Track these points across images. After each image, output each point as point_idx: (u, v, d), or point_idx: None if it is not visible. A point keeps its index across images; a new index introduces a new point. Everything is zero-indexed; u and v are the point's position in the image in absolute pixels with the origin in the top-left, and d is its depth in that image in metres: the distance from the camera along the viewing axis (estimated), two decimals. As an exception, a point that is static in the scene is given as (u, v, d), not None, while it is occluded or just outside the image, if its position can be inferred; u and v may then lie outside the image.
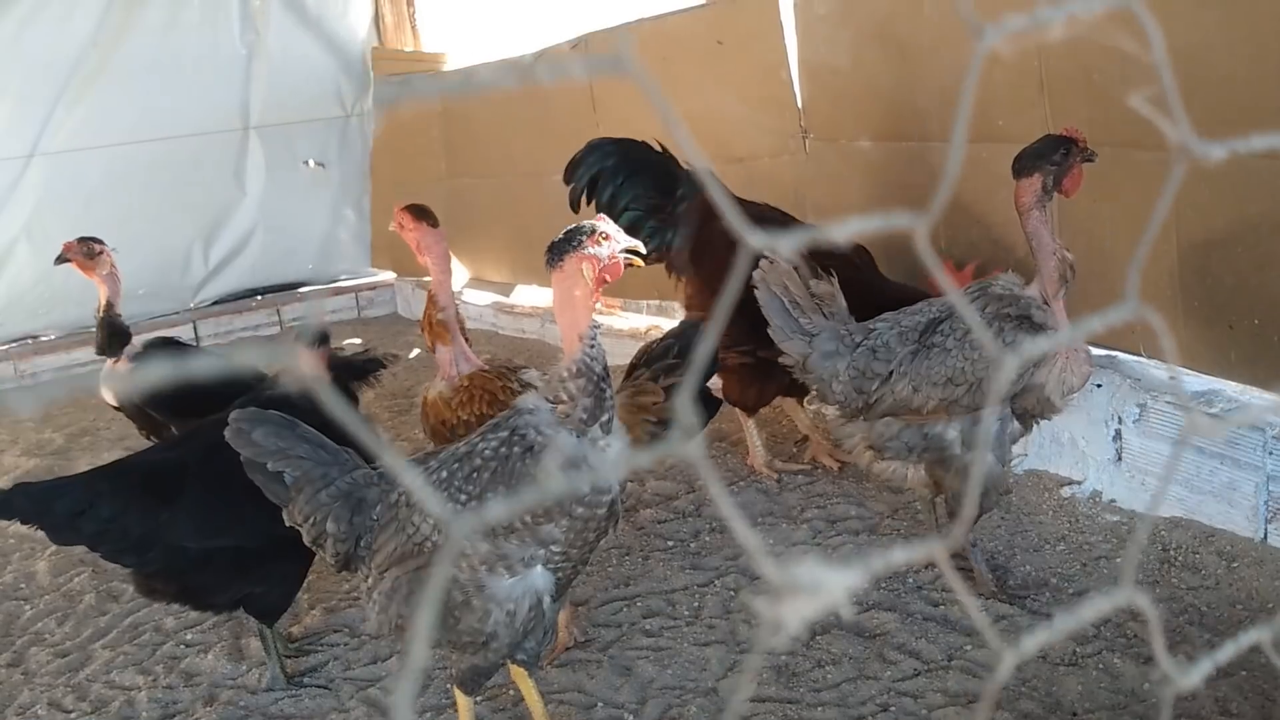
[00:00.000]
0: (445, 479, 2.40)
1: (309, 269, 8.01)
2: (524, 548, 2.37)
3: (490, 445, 2.38)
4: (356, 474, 2.58)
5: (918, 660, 3.02)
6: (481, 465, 2.37)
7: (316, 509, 2.53)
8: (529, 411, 2.38)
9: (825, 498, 4.04)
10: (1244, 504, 3.33)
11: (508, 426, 2.39)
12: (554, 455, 2.32)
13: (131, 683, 3.35)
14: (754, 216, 4.16)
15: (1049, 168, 2.97)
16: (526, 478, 2.31)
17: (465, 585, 2.39)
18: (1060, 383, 3.05)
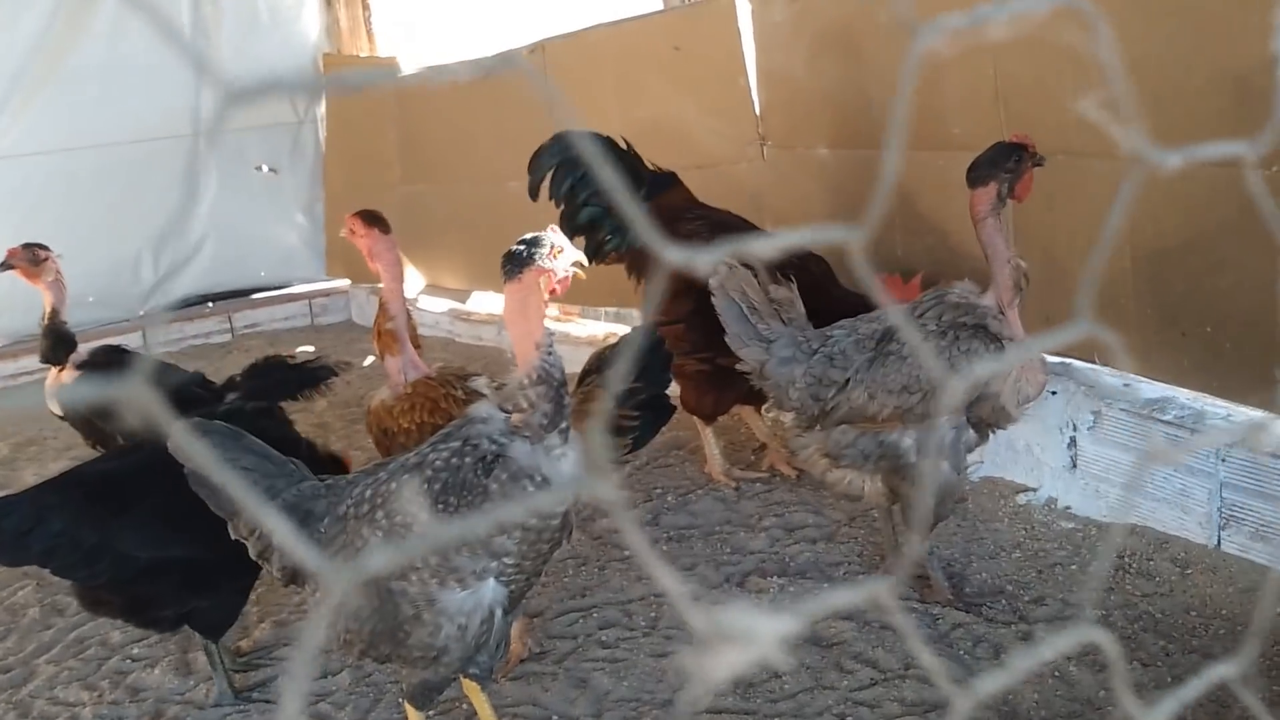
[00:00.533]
0: (395, 490, 2.36)
1: (261, 276, 7.91)
2: (475, 560, 2.33)
3: (441, 456, 2.34)
4: (304, 486, 2.52)
5: (874, 669, 3.00)
6: (433, 476, 2.32)
7: None
8: (481, 420, 2.35)
9: (783, 505, 4.03)
10: (1197, 511, 3.35)
11: (459, 436, 2.35)
12: (509, 466, 2.29)
13: (76, 699, 3.26)
14: (714, 223, 4.16)
15: (1003, 175, 2.99)
16: (479, 489, 2.28)
17: (415, 599, 2.35)
18: (1016, 392, 3.05)
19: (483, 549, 2.32)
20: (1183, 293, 3.36)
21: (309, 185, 7.98)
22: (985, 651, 3.03)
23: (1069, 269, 3.65)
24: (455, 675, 2.52)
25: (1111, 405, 3.60)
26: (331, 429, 5.34)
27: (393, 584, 2.37)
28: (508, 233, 6.44)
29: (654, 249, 0.64)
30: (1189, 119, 3.15)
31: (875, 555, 3.57)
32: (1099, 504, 3.65)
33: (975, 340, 3.01)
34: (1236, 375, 3.29)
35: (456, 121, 6.61)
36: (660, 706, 2.94)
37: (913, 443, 3.13)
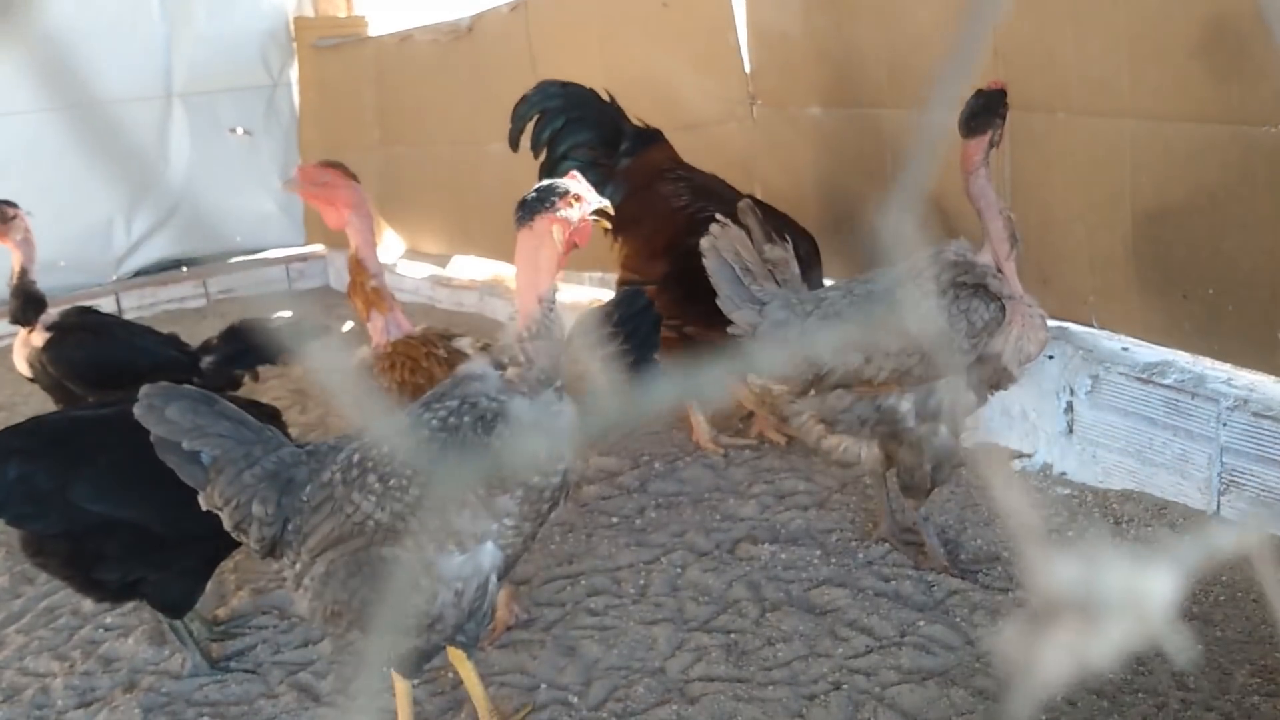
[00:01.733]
0: (388, 453, 2.26)
1: (236, 240, 7.77)
2: (476, 521, 2.24)
3: (438, 415, 2.24)
4: (283, 452, 2.41)
5: (870, 637, 2.94)
6: (429, 437, 2.23)
7: (240, 491, 2.35)
8: (477, 378, 2.26)
9: (773, 472, 3.95)
10: (1196, 476, 3.29)
11: (456, 395, 2.26)
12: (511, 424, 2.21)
13: (47, 669, 3.17)
14: (696, 186, 4.07)
15: (997, 121, 2.94)
16: (481, 448, 2.18)
17: (411, 565, 2.27)
18: (1017, 350, 2.98)
19: (485, 509, 2.23)
20: (1184, 255, 3.29)
21: (284, 148, 7.84)
22: (982, 618, 2.97)
23: (1067, 229, 3.58)
24: (446, 643, 2.43)
25: (1110, 369, 3.53)
26: (308, 395, 5.23)
27: (385, 551, 2.28)
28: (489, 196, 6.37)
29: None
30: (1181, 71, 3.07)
31: (868, 522, 3.50)
32: (1095, 469, 3.59)
33: (975, 299, 2.93)
34: (1238, 339, 3.22)
35: (436, 83, 6.48)
36: (651, 674, 2.86)
37: (910, 407, 3.05)
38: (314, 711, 2.85)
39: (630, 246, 4.09)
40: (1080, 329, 3.73)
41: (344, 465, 2.32)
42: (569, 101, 4.13)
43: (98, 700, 2.99)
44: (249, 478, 2.36)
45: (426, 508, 2.21)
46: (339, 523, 2.28)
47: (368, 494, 2.25)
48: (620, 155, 4.11)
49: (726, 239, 3.23)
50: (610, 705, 2.75)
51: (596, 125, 4.13)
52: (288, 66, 7.76)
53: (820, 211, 4.38)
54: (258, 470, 2.36)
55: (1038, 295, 3.21)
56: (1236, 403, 3.20)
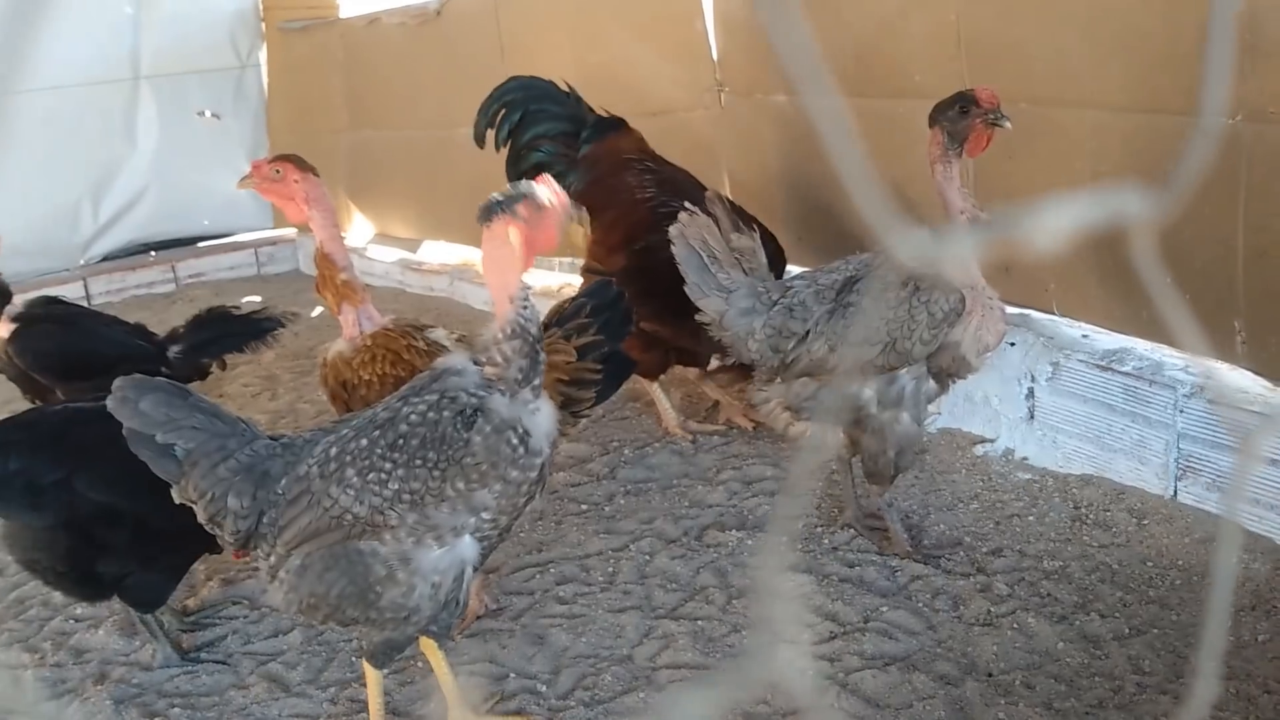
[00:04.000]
0: (366, 447, 2.29)
1: (205, 224, 7.72)
2: (455, 516, 2.28)
3: (417, 409, 2.27)
4: (257, 445, 2.41)
5: (834, 623, 2.99)
6: (408, 431, 2.26)
7: (215, 484, 2.35)
8: (456, 372, 2.29)
9: (741, 458, 3.99)
10: (1154, 461, 3.35)
11: (435, 389, 2.29)
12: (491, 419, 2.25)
13: (17, 661, 3.17)
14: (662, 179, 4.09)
15: (944, 122, 2.95)
16: (460, 443, 2.23)
17: (389, 559, 2.29)
18: (976, 341, 3.02)
19: (463, 504, 2.27)
20: (1143, 243, 3.33)
21: (253, 131, 7.79)
22: (944, 603, 3.02)
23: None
24: (420, 634, 2.46)
25: (1070, 356, 3.58)
26: (280, 381, 5.23)
27: (363, 544, 2.30)
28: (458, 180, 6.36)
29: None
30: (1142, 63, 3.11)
31: (834, 508, 3.54)
32: (1056, 454, 3.65)
33: (935, 290, 2.97)
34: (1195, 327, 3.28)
35: (405, 66, 6.46)
36: (619, 662, 2.90)
37: (873, 394, 3.09)
38: (284, 702, 2.87)
39: (595, 235, 4.12)
40: (1041, 316, 3.78)
41: (321, 459, 2.34)
42: (528, 95, 4.17)
43: (69, 692, 3.00)
44: (224, 471, 2.36)
45: (405, 502, 2.25)
46: (316, 516, 2.30)
47: (346, 488, 2.27)
48: (581, 143, 4.13)
49: (694, 227, 3.26)
50: (578, 693, 2.79)
51: (556, 116, 4.16)
52: (256, 48, 7.70)
53: (786, 198, 4.41)
54: (232, 463, 2.36)
55: (999, 283, 3.25)
56: (1193, 390, 3.26)
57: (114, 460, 2.82)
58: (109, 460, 2.82)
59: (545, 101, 4.16)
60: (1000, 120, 2.92)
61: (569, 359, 2.95)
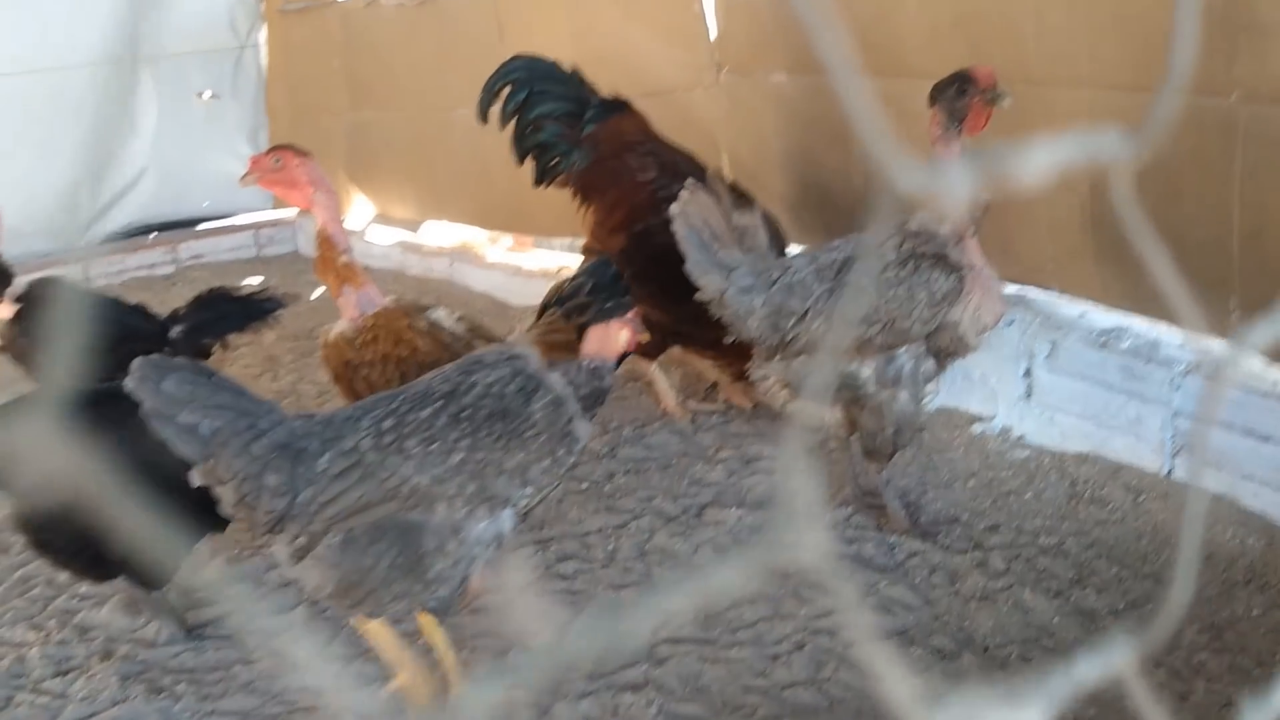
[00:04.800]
0: (428, 418, 2.35)
1: (205, 206, 7.72)
2: (509, 487, 2.37)
3: (483, 381, 2.38)
4: (293, 424, 2.41)
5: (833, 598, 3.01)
6: (475, 402, 2.35)
7: (250, 463, 2.32)
8: (521, 355, 2.46)
9: (740, 437, 4.02)
10: (1151, 439, 3.38)
11: (504, 365, 2.42)
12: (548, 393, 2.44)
13: (22, 639, 3.20)
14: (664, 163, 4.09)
15: (943, 102, 2.96)
16: (523, 416, 2.36)
17: (440, 529, 2.35)
18: (974, 320, 3.04)
19: (519, 477, 2.37)
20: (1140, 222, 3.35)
21: (252, 113, 7.77)
22: (941, 578, 3.05)
23: (1026, 198, 3.63)
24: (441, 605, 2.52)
25: (1068, 335, 3.61)
26: (281, 362, 5.25)
27: (414, 516, 2.35)
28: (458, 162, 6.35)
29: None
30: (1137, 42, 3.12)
31: (833, 485, 3.57)
32: (1053, 432, 3.67)
33: (935, 270, 2.99)
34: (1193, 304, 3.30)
35: (404, 47, 6.45)
36: (619, 638, 2.93)
37: (872, 373, 3.12)
38: (290, 676, 2.90)
39: (594, 217, 4.14)
40: (1039, 295, 3.80)
41: (374, 431, 2.36)
42: (533, 74, 4.16)
43: (74, 669, 3.03)
44: (259, 449, 2.33)
45: (468, 472, 2.33)
46: (370, 489, 2.32)
47: (407, 458, 2.32)
48: (585, 124, 4.14)
49: (696, 205, 3.27)
50: (579, 667, 2.82)
51: (561, 96, 4.16)
52: (255, 29, 7.68)
53: (786, 178, 4.42)
54: (267, 441, 2.34)
55: (997, 261, 3.27)
56: (1190, 367, 3.28)
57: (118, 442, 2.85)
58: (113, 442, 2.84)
59: (550, 81, 4.16)
60: (999, 99, 2.93)
61: (569, 338, 2.98)
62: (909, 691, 0.46)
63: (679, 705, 2.66)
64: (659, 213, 3.60)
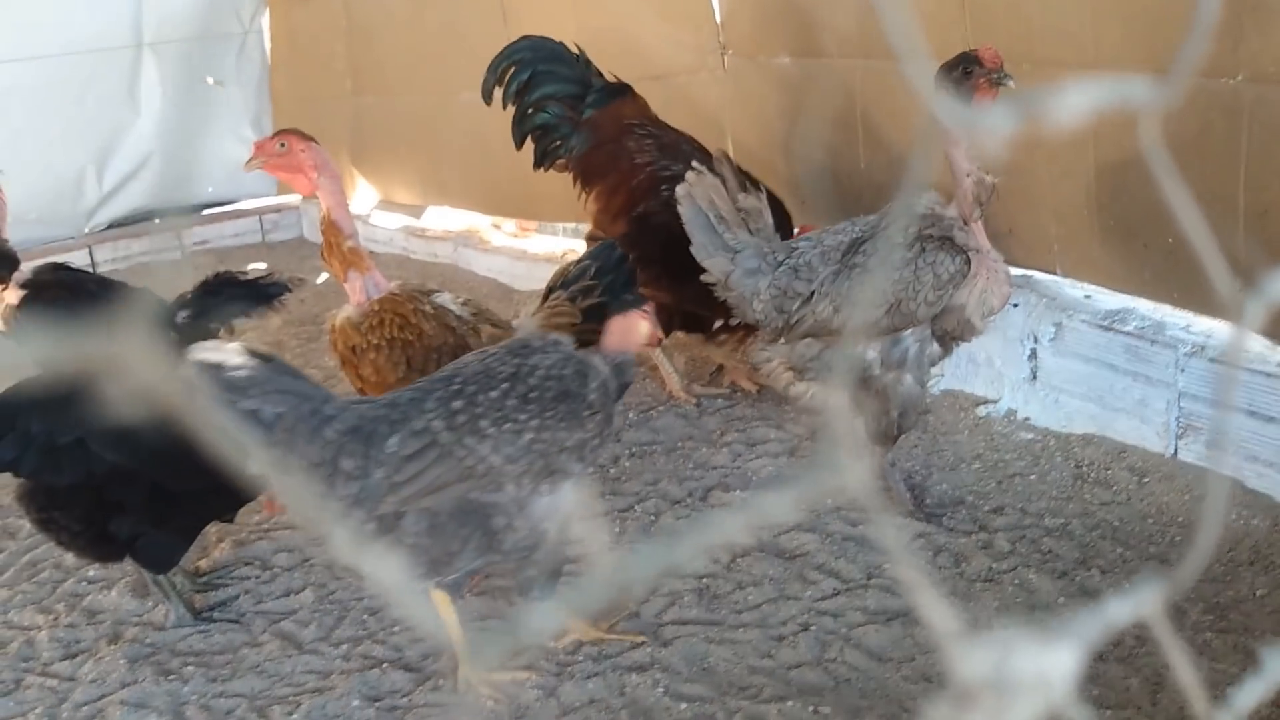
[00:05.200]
0: (497, 399, 2.41)
1: (209, 191, 7.72)
2: (571, 463, 2.48)
3: (543, 364, 2.47)
4: (361, 408, 2.42)
5: (837, 579, 3.03)
6: (539, 385, 2.44)
7: (324, 448, 2.31)
8: (566, 344, 2.62)
9: (745, 421, 4.02)
10: (1155, 420, 3.38)
11: (554, 350, 2.55)
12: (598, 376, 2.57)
13: (31, 622, 3.22)
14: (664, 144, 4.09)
15: (949, 84, 2.94)
16: (580, 398, 2.49)
17: (507, 507, 2.42)
18: (981, 304, 3.04)
19: (577, 454, 2.48)
20: (1145, 204, 3.34)
21: (256, 98, 7.77)
22: (946, 560, 3.06)
23: (1031, 178, 3.63)
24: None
25: (1072, 317, 3.61)
26: (287, 347, 5.26)
27: (483, 496, 2.40)
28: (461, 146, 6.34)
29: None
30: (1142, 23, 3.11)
31: (837, 468, 3.57)
32: (1058, 414, 3.67)
33: (941, 252, 2.99)
34: (1197, 286, 3.29)
35: (407, 31, 6.44)
36: (625, 619, 2.94)
37: (877, 356, 3.12)
38: (298, 659, 2.92)
39: (596, 203, 4.13)
40: (1044, 277, 3.80)
41: (444, 412, 2.39)
42: (537, 55, 4.15)
43: (83, 652, 3.05)
44: (331, 434, 2.32)
45: (536, 451, 2.41)
46: (447, 469, 2.35)
47: (482, 438, 2.37)
48: (586, 107, 4.13)
49: (701, 187, 3.28)
50: (586, 649, 2.83)
51: (565, 78, 4.15)
52: (259, 14, 7.67)
53: (790, 161, 4.41)
54: (339, 426, 2.34)
55: (1003, 244, 3.27)
56: (1194, 349, 3.28)
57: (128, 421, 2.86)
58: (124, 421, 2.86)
59: (554, 63, 4.15)
60: (1004, 80, 2.92)
61: (573, 321, 2.99)
62: (950, 625, 0.47)
63: (685, 685, 2.68)
64: (659, 194, 3.60)
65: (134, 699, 2.82)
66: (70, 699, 2.85)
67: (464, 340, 3.05)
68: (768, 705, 2.57)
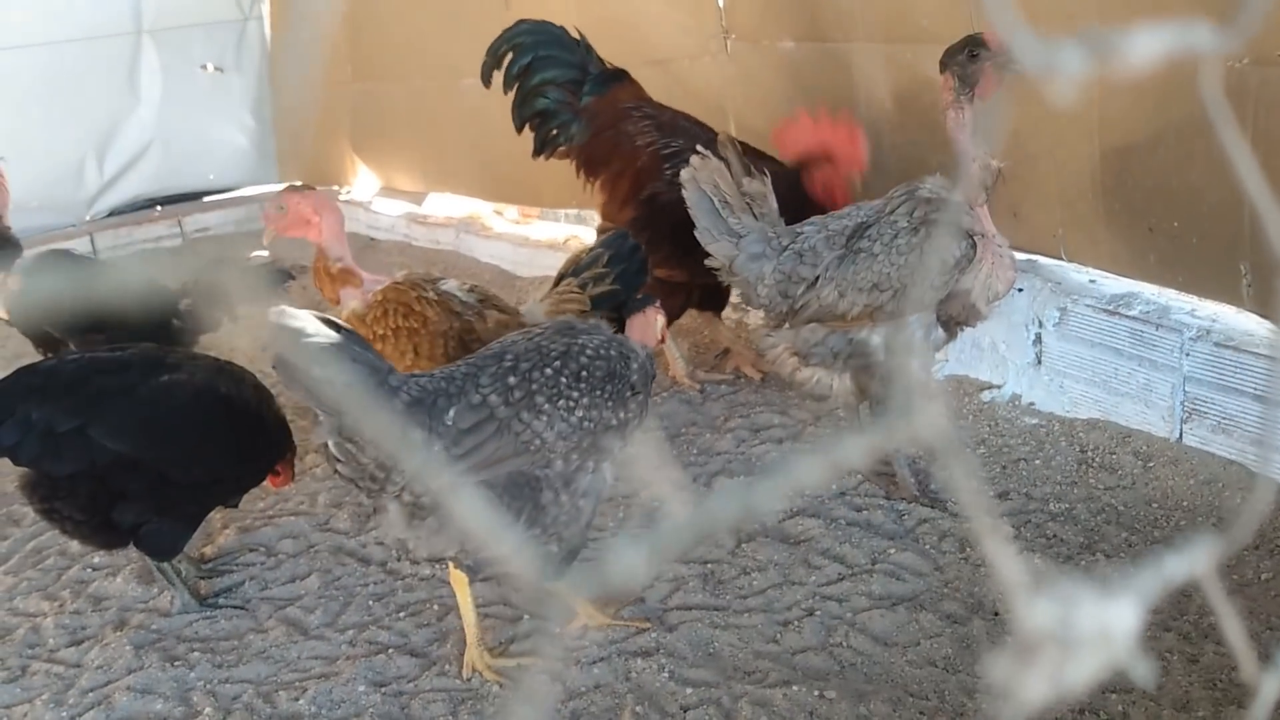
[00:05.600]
0: (551, 376, 2.46)
1: (210, 179, 7.71)
2: (614, 442, 2.54)
3: (591, 344, 2.54)
4: (420, 379, 2.46)
5: (842, 565, 3.03)
6: (588, 364, 2.52)
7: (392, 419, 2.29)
8: (604, 328, 2.70)
9: (748, 407, 4.02)
10: (1160, 405, 3.38)
11: (597, 332, 2.62)
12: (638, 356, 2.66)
13: (37, 609, 3.22)
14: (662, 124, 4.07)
15: (955, 67, 2.93)
16: (624, 377, 2.57)
17: (554, 481, 2.46)
18: (986, 289, 3.04)
19: (620, 432, 2.55)
20: (1150, 188, 3.34)
21: (256, 85, 7.75)
22: (951, 545, 3.06)
23: (1036, 163, 3.61)
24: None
25: (1077, 301, 3.60)
26: (289, 334, 5.25)
27: (534, 470, 2.46)
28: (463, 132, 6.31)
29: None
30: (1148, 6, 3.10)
31: (841, 453, 3.57)
32: (1062, 399, 3.67)
33: (946, 237, 2.98)
34: (1202, 270, 3.29)
35: (408, 17, 6.41)
36: (630, 604, 2.95)
37: (881, 340, 3.11)
38: (303, 644, 2.92)
39: (603, 193, 4.12)
40: (1049, 262, 3.79)
41: (500, 388, 2.43)
42: (537, 39, 4.13)
43: (89, 638, 3.05)
44: (399, 405, 2.36)
45: (586, 428, 2.47)
46: (505, 443, 2.40)
47: (538, 414, 2.42)
48: (583, 95, 4.11)
49: (706, 171, 3.26)
50: (592, 634, 2.84)
51: (565, 64, 4.13)
52: (259, 1, 7.65)
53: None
54: (406, 397, 2.38)
55: (1008, 229, 3.26)
56: (1199, 333, 3.28)
57: (130, 410, 2.87)
58: (125, 410, 2.86)
59: (554, 47, 4.13)
60: (1011, 63, 2.90)
61: (582, 309, 2.99)
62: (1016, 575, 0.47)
63: (690, 670, 2.68)
64: (663, 174, 3.59)
65: (140, 685, 2.82)
66: (76, 685, 2.85)
67: (470, 326, 3.04)
68: (773, 690, 2.57)
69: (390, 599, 3.08)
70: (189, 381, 2.98)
